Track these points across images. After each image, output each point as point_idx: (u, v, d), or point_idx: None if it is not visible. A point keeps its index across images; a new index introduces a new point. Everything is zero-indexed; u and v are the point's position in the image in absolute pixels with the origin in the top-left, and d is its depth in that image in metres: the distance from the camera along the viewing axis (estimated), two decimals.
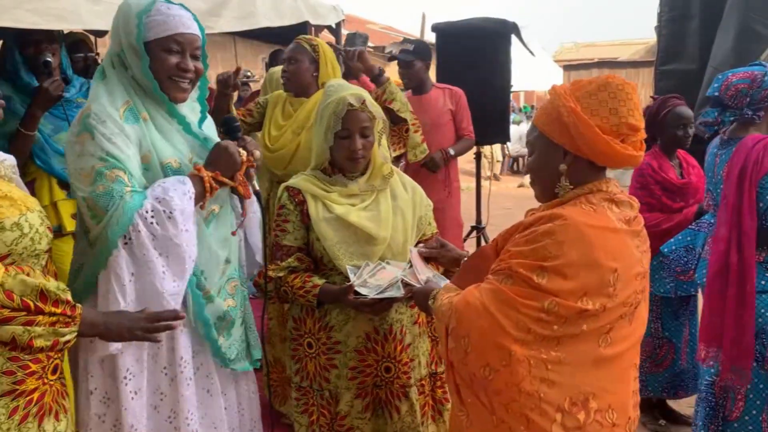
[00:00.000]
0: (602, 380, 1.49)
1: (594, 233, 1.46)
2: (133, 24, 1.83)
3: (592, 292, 1.44)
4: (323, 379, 2.14)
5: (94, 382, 1.83)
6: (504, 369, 1.45)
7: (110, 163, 1.74)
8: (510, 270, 1.48)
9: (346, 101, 2.05)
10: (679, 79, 4.37)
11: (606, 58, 16.34)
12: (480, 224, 5.62)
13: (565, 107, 1.50)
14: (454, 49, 5.18)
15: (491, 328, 1.46)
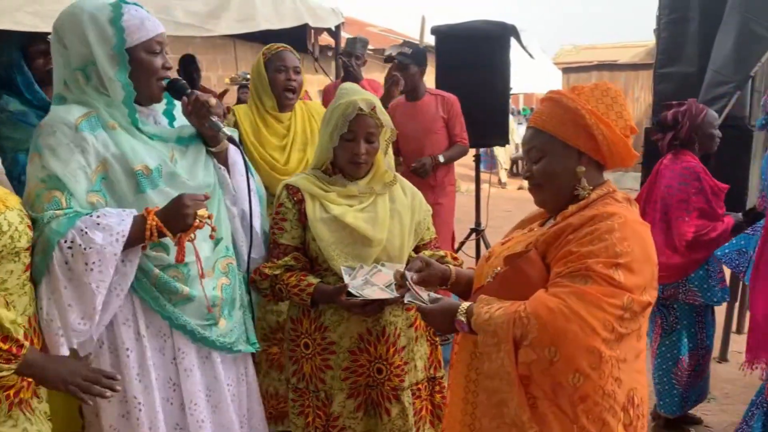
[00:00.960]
0: (638, 374, 1.54)
1: (643, 229, 1.53)
2: (109, 32, 1.78)
3: (648, 285, 1.49)
4: (319, 380, 2.15)
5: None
6: (594, 372, 1.43)
7: (49, 183, 1.72)
8: (588, 270, 1.45)
9: (357, 105, 2.05)
10: (677, 82, 4.38)
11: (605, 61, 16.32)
12: (479, 226, 5.62)
13: (585, 109, 1.54)
14: (454, 51, 5.18)
15: (583, 331, 1.42)
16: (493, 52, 5.20)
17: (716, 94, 3.80)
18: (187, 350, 1.93)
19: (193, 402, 1.93)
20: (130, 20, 1.81)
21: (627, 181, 11.11)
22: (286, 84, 2.89)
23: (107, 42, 1.78)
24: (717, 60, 3.84)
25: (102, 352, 1.85)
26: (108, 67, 1.79)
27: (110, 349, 1.86)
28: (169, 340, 1.92)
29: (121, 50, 1.79)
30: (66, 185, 1.72)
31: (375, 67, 14.46)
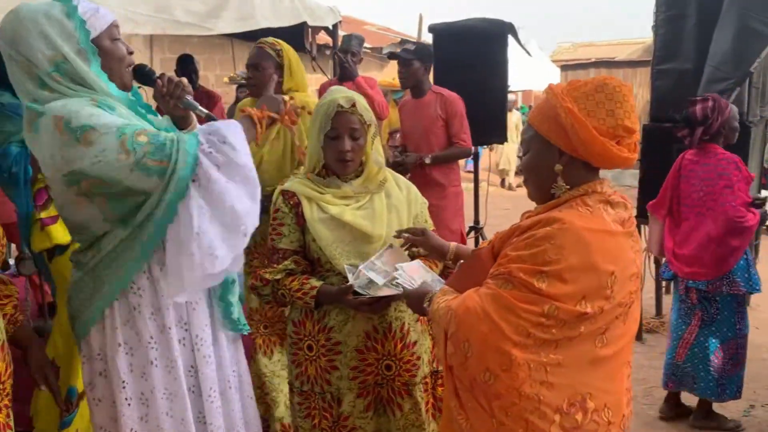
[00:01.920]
0: (598, 380, 1.51)
1: (592, 237, 1.46)
2: (70, 28, 1.73)
3: (590, 295, 1.45)
4: (324, 381, 2.15)
5: (128, 391, 1.83)
6: (504, 373, 1.45)
7: (128, 129, 1.68)
8: (510, 275, 1.47)
9: (337, 102, 2.08)
10: (675, 79, 4.38)
11: (603, 58, 16.35)
12: (478, 224, 5.63)
13: (562, 108, 1.50)
14: (451, 49, 5.18)
15: (492, 333, 1.45)
16: (490, 50, 5.21)
17: (715, 90, 3.79)
18: (204, 336, 1.92)
19: (213, 389, 1.94)
20: (87, 11, 1.77)
21: (626, 179, 11.10)
22: (248, 80, 3.04)
23: (72, 38, 1.73)
24: (715, 56, 3.85)
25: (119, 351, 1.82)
26: (80, 63, 1.74)
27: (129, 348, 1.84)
28: (189, 329, 1.91)
29: (88, 43, 1.75)
30: (138, 125, 1.73)
31: (372, 65, 14.47)
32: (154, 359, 1.83)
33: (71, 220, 1.80)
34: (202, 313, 1.94)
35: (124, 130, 1.67)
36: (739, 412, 3.60)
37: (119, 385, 1.82)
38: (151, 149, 1.67)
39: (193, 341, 1.91)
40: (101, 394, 1.85)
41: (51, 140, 1.67)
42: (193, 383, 1.91)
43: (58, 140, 1.66)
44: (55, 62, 1.72)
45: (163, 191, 1.69)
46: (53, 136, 1.66)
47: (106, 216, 1.75)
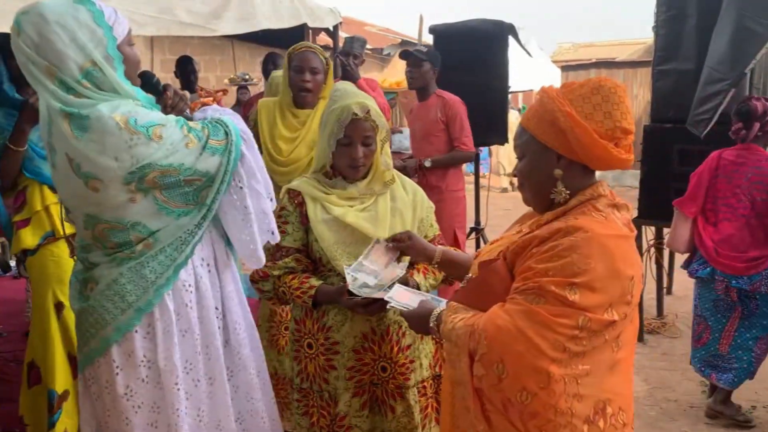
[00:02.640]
0: (615, 384, 1.49)
1: (612, 244, 1.44)
2: (100, 33, 1.72)
3: (615, 302, 1.42)
4: (323, 380, 2.15)
5: (138, 398, 1.82)
6: (542, 392, 1.40)
7: (182, 122, 1.80)
8: (541, 289, 1.41)
9: (351, 110, 2.06)
10: (675, 79, 4.37)
11: (604, 59, 16.31)
12: (479, 225, 5.63)
13: (560, 111, 1.47)
14: (452, 51, 5.17)
15: (529, 352, 1.39)
16: (491, 50, 5.22)
17: (712, 91, 3.78)
18: (238, 320, 2.03)
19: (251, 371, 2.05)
20: (110, 17, 1.77)
21: (626, 179, 11.09)
22: (300, 84, 3.04)
23: (101, 44, 1.73)
24: (713, 57, 3.83)
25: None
26: (110, 71, 1.74)
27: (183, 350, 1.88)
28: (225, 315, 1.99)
29: (115, 50, 1.76)
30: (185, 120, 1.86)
31: (372, 66, 14.47)
32: (197, 350, 1.88)
33: (120, 220, 1.78)
34: (239, 298, 2.03)
35: (180, 121, 1.80)
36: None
37: (173, 383, 1.82)
38: (210, 132, 1.82)
39: (230, 327, 1.98)
40: (142, 400, 1.82)
41: (117, 140, 1.68)
42: (232, 364, 2.00)
43: (127, 139, 1.68)
44: (85, 70, 1.71)
45: (226, 165, 1.83)
46: (120, 136, 1.68)
47: (162, 206, 1.78)
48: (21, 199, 2.85)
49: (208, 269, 1.91)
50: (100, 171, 1.69)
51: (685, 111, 4.08)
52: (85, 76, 1.71)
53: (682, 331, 4.77)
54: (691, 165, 4.26)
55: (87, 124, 1.68)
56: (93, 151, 1.68)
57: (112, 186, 1.71)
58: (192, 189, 1.81)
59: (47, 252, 2.83)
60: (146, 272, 1.79)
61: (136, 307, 1.78)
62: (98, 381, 1.82)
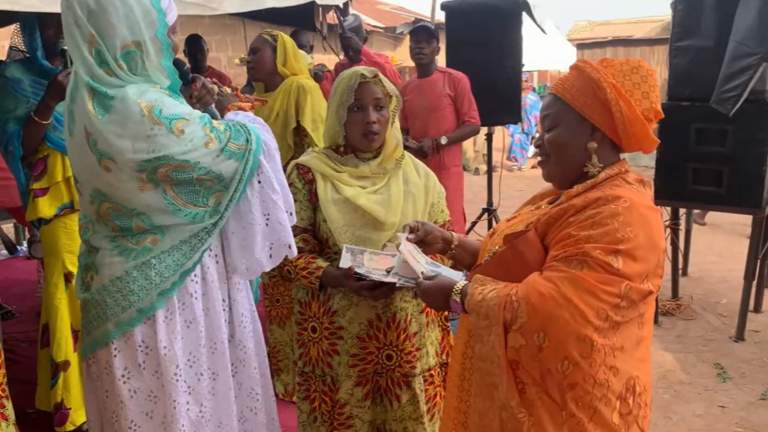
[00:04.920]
0: (641, 362, 1.48)
1: (650, 214, 1.44)
2: (154, 15, 1.68)
3: (651, 273, 1.42)
4: (326, 364, 2.12)
5: (135, 382, 1.79)
6: (584, 361, 1.38)
7: (206, 118, 1.76)
8: (585, 255, 1.38)
9: (359, 72, 2.04)
10: (694, 56, 4.25)
11: (620, 37, 16.08)
12: (491, 206, 5.57)
13: (607, 82, 1.46)
14: (465, 28, 5.11)
15: (574, 319, 1.36)
16: (504, 28, 5.13)
17: (740, 66, 3.67)
18: (245, 313, 1.98)
19: (256, 368, 2.01)
20: (165, 2, 1.73)
21: (642, 159, 10.96)
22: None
23: (153, 26, 1.69)
24: (739, 31, 3.71)
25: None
26: (154, 55, 1.71)
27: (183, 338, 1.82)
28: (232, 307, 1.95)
29: (164, 36, 1.71)
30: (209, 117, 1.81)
31: (385, 44, 14.34)
32: (201, 342, 1.83)
33: (126, 205, 1.74)
34: (245, 290, 1.98)
35: (205, 119, 1.74)
36: (757, 395, 3.54)
37: (173, 374, 1.77)
38: (232, 135, 1.76)
39: (236, 320, 1.94)
40: (138, 385, 1.79)
41: (138, 127, 1.63)
42: (236, 359, 1.95)
43: (148, 127, 1.64)
44: (127, 50, 1.67)
45: (242, 173, 1.78)
46: (142, 124, 1.63)
47: (170, 202, 1.72)
48: (41, 167, 2.91)
49: (216, 259, 1.86)
50: (115, 153, 1.66)
51: (704, 89, 3.99)
52: (124, 56, 1.67)
53: (698, 313, 4.71)
54: (709, 144, 4.20)
55: (110, 105, 1.64)
56: (111, 133, 1.64)
57: (124, 170, 1.67)
58: (203, 189, 1.75)
59: (60, 224, 2.90)
60: (152, 274, 1.74)
61: (138, 307, 1.74)
62: (98, 362, 1.81)
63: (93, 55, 1.66)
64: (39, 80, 2.82)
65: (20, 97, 2.79)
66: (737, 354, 4.04)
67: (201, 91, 1.94)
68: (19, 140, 2.81)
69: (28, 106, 2.78)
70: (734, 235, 6.86)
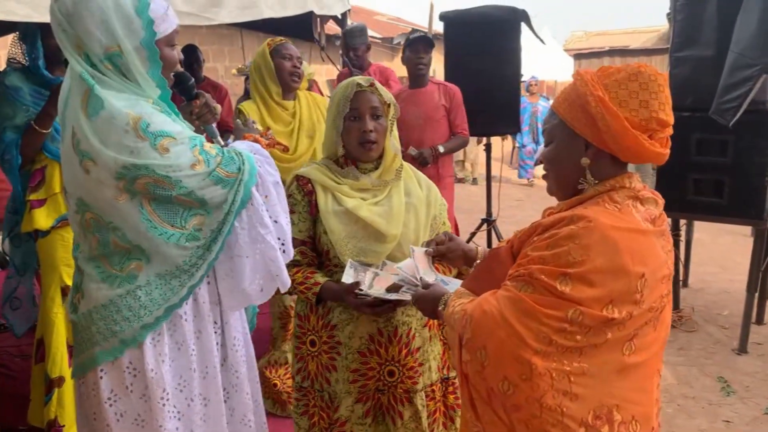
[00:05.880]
0: (626, 390, 1.39)
1: (620, 236, 1.34)
2: (137, 24, 1.63)
3: (618, 299, 1.32)
4: (324, 380, 2.07)
5: (121, 405, 1.72)
6: (524, 383, 1.33)
7: (198, 141, 1.68)
8: (530, 277, 1.35)
9: (355, 82, 2.02)
10: (694, 66, 4.24)
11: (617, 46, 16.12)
12: (490, 217, 5.53)
13: (592, 96, 1.38)
14: (463, 38, 5.10)
15: (510, 340, 1.34)
16: (503, 38, 5.12)
17: (740, 77, 3.65)
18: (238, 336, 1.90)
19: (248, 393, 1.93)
20: (157, 10, 1.68)
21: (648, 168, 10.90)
22: (291, 69, 3.15)
23: (135, 35, 1.64)
24: (740, 42, 3.69)
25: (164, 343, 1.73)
26: (138, 62, 1.66)
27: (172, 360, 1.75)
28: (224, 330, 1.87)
29: (151, 45, 1.66)
30: (199, 136, 1.73)
31: (383, 55, 14.35)
32: (192, 366, 1.76)
33: (103, 215, 1.69)
34: (239, 313, 1.92)
35: (196, 141, 1.67)
36: (762, 409, 3.49)
37: (159, 397, 1.71)
38: (223, 160, 1.69)
39: (228, 343, 1.87)
40: (125, 409, 1.73)
41: (121, 140, 1.59)
42: (229, 384, 1.88)
43: (131, 141, 1.59)
44: (109, 54, 1.64)
45: (231, 204, 1.70)
46: (127, 136, 1.59)
47: (146, 217, 1.65)
48: (38, 177, 2.89)
49: (207, 280, 1.78)
50: (95, 154, 1.61)
51: (704, 99, 3.97)
52: (108, 58, 1.64)
53: (700, 325, 4.67)
54: (710, 155, 4.17)
55: (99, 109, 1.60)
56: (95, 136, 1.61)
57: (102, 172, 1.61)
58: (182, 209, 1.67)
59: (57, 236, 2.86)
60: (137, 306, 1.67)
61: (121, 338, 1.69)
62: (87, 382, 1.75)
63: (83, 58, 1.64)
64: (39, 90, 2.80)
65: (19, 105, 2.77)
66: (740, 367, 4.00)
67: (202, 109, 1.89)
68: (17, 149, 2.79)
69: (27, 115, 2.76)
70: (735, 245, 6.83)
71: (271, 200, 1.78)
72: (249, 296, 1.78)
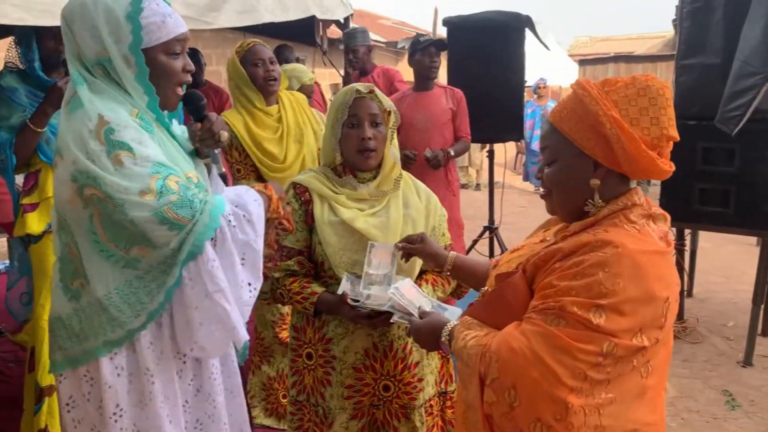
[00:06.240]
0: (644, 413, 1.34)
1: (647, 261, 1.28)
2: (125, 29, 1.58)
3: (647, 326, 1.27)
4: (319, 394, 2.02)
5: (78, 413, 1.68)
6: (558, 424, 1.25)
7: (163, 171, 1.54)
8: (561, 310, 1.27)
9: (354, 88, 1.97)
10: (700, 74, 4.18)
11: (622, 52, 16.05)
12: (493, 224, 5.48)
13: (606, 116, 1.32)
14: (467, 43, 5.05)
15: (545, 379, 1.25)
16: (507, 43, 5.07)
17: (744, 86, 3.60)
18: (215, 363, 1.80)
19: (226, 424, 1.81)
20: (150, 17, 1.60)
21: None
22: (265, 74, 2.99)
23: (122, 41, 1.58)
24: (744, 50, 3.64)
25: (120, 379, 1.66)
26: (125, 68, 1.61)
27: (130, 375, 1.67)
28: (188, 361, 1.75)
29: (137, 51, 1.60)
30: (174, 169, 1.58)
31: (387, 59, 14.31)
32: (154, 389, 1.66)
33: (62, 214, 1.64)
34: None
35: (161, 170, 1.54)
36: (766, 423, 3.43)
37: (112, 412, 1.64)
38: (178, 201, 1.53)
39: (206, 372, 1.78)
40: (81, 417, 1.68)
41: (87, 138, 1.53)
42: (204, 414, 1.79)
43: (93, 142, 1.52)
44: (99, 58, 1.61)
45: (177, 251, 1.56)
46: (90, 136, 1.52)
47: (93, 230, 1.58)
48: (32, 181, 2.87)
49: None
50: (64, 149, 1.57)
51: (710, 107, 3.91)
52: (99, 63, 1.62)
53: (704, 336, 4.60)
54: (716, 164, 4.11)
55: (78, 107, 1.57)
56: (67, 133, 1.57)
57: (64, 171, 1.57)
58: (127, 233, 1.56)
59: (49, 242, 2.81)
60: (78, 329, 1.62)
61: (67, 356, 1.64)
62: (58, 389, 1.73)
63: (79, 61, 1.63)
64: (35, 91, 2.78)
65: (15, 105, 2.76)
66: (746, 380, 3.93)
67: (204, 133, 1.79)
68: (11, 149, 2.76)
69: (23, 116, 2.74)
70: (740, 254, 6.76)
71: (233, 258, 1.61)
72: (203, 349, 1.65)
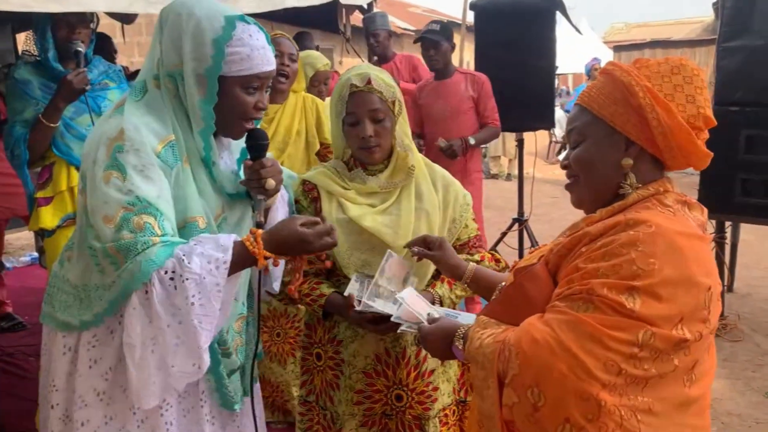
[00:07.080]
0: (686, 428, 1.19)
1: (685, 243, 1.16)
2: (208, 52, 1.51)
3: (688, 317, 1.13)
4: (328, 397, 1.93)
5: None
6: (590, 425, 1.11)
7: (139, 206, 1.44)
8: (589, 293, 1.15)
9: (349, 82, 1.81)
10: (744, 57, 3.96)
11: (659, 38, 15.62)
12: (522, 216, 5.30)
13: (639, 85, 1.22)
14: (495, 28, 4.90)
15: (573, 372, 1.11)
16: (538, 28, 4.88)
17: None
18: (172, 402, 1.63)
19: None
20: (238, 47, 1.53)
21: None
22: (278, 68, 2.84)
23: (200, 62, 1.52)
24: None
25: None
26: (194, 89, 1.53)
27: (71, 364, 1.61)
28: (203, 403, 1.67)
29: (212, 77, 1.53)
30: (159, 209, 1.47)
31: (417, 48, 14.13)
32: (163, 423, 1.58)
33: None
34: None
35: (136, 203, 1.44)
36: None
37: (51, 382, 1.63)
38: (128, 241, 1.42)
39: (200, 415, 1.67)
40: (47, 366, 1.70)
41: (101, 144, 1.49)
42: None
43: (102, 150, 1.47)
44: (173, 70, 1.55)
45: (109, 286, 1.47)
46: (104, 143, 1.49)
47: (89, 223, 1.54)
48: (46, 175, 2.85)
49: None
50: (87, 142, 1.57)
51: (755, 92, 3.74)
52: (170, 74, 1.56)
53: (746, 334, 4.38)
54: (760, 153, 3.90)
55: (118, 113, 1.54)
56: (95, 131, 1.56)
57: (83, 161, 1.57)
58: None
59: (62, 236, 2.78)
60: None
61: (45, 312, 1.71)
62: None
63: (156, 66, 1.58)
64: (49, 83, 2.74)
65: (28, 98, 2.73)
66: None
67: (250, 174, 1.64)
68: (25, 144, 2.74)
69: (36, 109, 2.71)
70: None
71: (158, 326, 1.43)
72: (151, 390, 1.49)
